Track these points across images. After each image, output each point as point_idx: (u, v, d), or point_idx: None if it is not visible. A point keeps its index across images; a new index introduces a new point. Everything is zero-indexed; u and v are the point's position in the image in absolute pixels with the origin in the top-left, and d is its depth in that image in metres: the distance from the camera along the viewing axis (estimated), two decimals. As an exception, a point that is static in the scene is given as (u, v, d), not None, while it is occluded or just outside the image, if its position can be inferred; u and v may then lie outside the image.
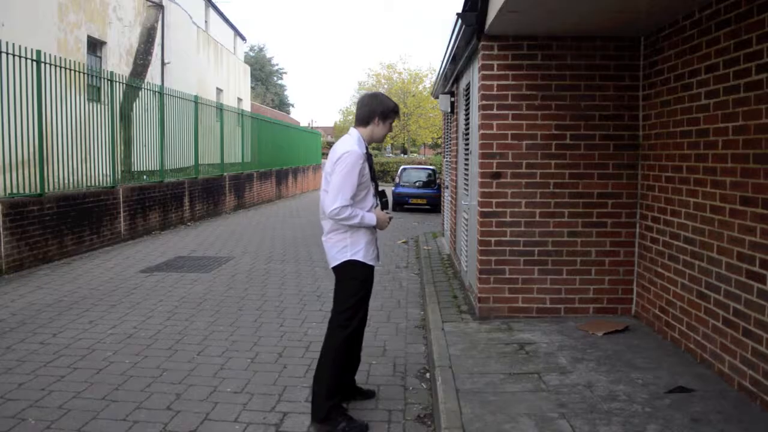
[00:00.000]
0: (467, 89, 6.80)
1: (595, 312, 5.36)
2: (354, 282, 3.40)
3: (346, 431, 3.34)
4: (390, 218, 3.52)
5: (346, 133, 3.45)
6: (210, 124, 15.28)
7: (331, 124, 61.70)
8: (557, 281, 5.33)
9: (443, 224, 11.16)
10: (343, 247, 3.39)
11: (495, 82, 5.23)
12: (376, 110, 3.44)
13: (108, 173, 10.18)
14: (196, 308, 6.10)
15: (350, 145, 3.34)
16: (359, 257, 3.40)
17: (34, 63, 8.28)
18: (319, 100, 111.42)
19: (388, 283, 7.51)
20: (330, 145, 51.94)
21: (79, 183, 9.46)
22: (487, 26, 4.96)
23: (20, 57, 7.95)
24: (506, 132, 5.27)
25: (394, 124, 3.48)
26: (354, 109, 45.11)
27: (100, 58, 14.71)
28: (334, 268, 3.45)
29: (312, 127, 50.79)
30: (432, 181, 18.47)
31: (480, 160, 5.32)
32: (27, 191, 8.14)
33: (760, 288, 3.52)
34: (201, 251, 9.66)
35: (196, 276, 7.69)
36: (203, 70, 22.90)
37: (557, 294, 5.34)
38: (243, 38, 32.12)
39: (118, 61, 15.21)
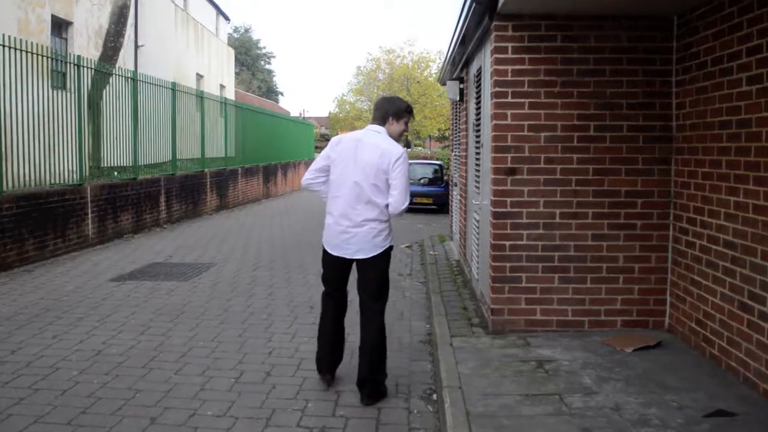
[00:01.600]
0: (478, 75, 6.80)
1: (624, 325, 5.34)
2: (388, 265, 4.30)
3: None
4: None
5: (347, 126, 4.41)
6: (189, 114, 15.29)
7: (326, 114, 61.73)
8: (580, 291, 5.32)
9: (451, 226, 11.16)
10: (386, 236, 4.23)
11: (509, 67, 5.22)
12: (389, 111, 4.25)
13: (74, 169, 10.18)
14: (173, 321, 6.09)
15: (396, 144, 4.18)
16: (393, 242, 4.33)
17: (-8, 46, 8.28)
18: (312, 87, 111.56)
19: (389, 292, 7.49)
20: (324, 137, 51.99)
21: (42, 180, 9.46)
22: (500, 4, 4.95)
23: (-24, 39, 7.95)
24: (522, 123, 5.26)
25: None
26: (351, 98, 45.16)
27: (66, 40, 14.72)
28: (374, 257, 4.18)
29: (304, 118, 50.78)
30: (439, 178, 18.49)
31: (493, 155, 5.31)
32: (-17, 190, 8.14)
33: (810, 298, 3.50)
34: (179, 257, 9.65)
35: (173, 285, 7.69)
36: (182, 53, 22.92)
37: (580, 305, 5.33)
38: (226, 18, 32.16)
39: (86, 44, 15.22)
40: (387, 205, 4.14)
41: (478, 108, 6.77)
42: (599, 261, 5.32)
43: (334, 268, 4.33)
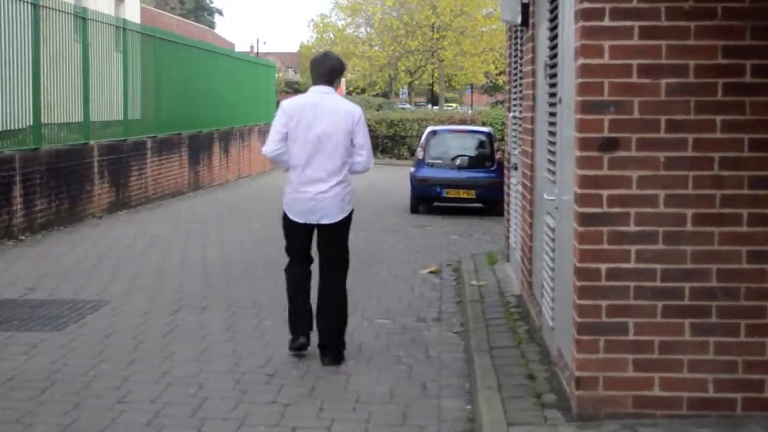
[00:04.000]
0: (554, -20, 6.80)
1: (802, 407, 5.33)
2: (349, 227, 7.12)
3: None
4: None
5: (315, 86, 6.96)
6: (63, 48, 15.32)
7: (294, 49, 61.90)
8: (728, 348, 5.31)
9: (508, 238, 11.15)
10: (351, 198, 6.98)
11: (607, -33, 5.22)
12: (340, 69, 6.93)
13: None
14: (35, 399, 6.09)
15: (351, 102, 6.62)
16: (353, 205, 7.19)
17: None
18: (271, 4, 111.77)
19: (402, 349, 7.51)
20: (292, 86, 52.04)
21: None
22: None
23: None
24: (629, 62, 5.25)
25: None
26: (337, 19, 46.07)
27: None
28: (340, 221, 6.90)
29: (257, 54, 50.92)
30: (486, 157, 18.50)
31: (579, 116, 5.32)
32: None
33: None
34: (46, 290, 9.67)
35: (35, 337, 7.69)
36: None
37: (729, 372, 5.31)
38: None
39: None
40: (352, 164, 6.88)
41: (554, 38, 6.77)
42: (761, 297, 5.30)
43: (301, 236, 7.03)
